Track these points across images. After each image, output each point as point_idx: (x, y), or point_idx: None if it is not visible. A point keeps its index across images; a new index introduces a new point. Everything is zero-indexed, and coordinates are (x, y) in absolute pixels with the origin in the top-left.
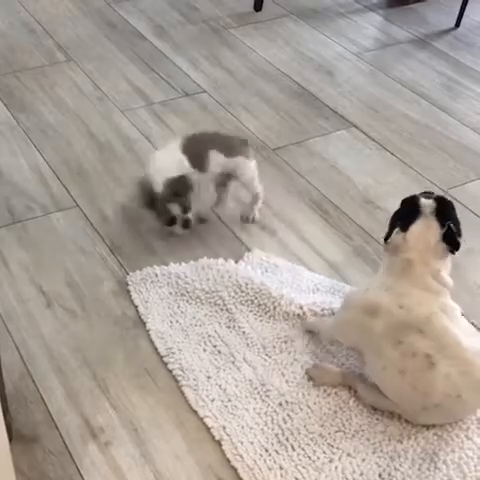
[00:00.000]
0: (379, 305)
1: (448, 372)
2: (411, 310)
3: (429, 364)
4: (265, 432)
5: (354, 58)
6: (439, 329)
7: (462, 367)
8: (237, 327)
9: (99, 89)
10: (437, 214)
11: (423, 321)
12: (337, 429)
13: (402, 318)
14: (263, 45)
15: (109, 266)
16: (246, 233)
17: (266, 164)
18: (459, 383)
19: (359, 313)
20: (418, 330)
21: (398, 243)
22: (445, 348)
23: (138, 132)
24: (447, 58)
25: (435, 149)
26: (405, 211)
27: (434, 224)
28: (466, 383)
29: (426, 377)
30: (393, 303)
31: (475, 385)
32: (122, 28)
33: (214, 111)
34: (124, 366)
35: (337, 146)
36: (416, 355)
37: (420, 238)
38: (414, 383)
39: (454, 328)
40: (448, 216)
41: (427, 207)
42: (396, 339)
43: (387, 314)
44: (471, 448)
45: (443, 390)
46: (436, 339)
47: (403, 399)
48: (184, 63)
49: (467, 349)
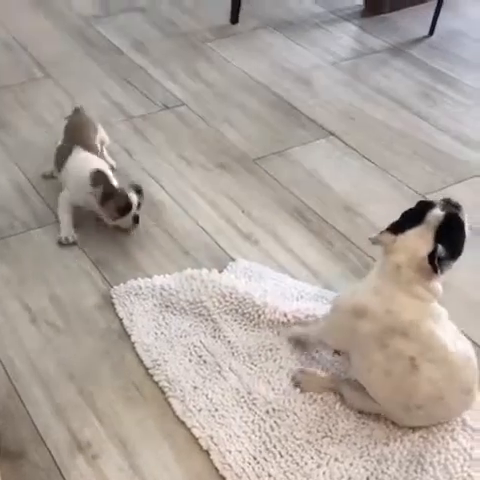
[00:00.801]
0: (366, 308)
1: (431, 375)
2: (397, 314)
3: (413, 367)
4: (253, 440)
5: (331, 68)
6: (424, 333)
7: (446, 370)
8: (222, 336)
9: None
10: (438, 230)
11: (408, 325)
12: (324, 434)
13: (388, 322)
14: (241, 57)
15: (93, 280)
16: (229, 243)
17: (247, 174)
18: (442, 386)
19: (347, 315)
20: (403, 333)
21: (387, 241)
22: (430, 351)
23: (119, 146)
24: (422, 65)
25: (413, 155)
26: (410, 214)
27: (429, 238)
28: (449, 386)
29: (410, 379)
30: (380, 307)
31: (458, 388)
32: (100, 44)
33: (194, 123)
34: (110, 379)
35: (317, 155)
36: (400, 357)
37: (411, 245)
38: (398, 385)
39: (440, 332)
40: (448, 237)
41: (434, 218)
42: (382, 342)
43: (374, 317)
44: (457, 449)
45: (426, 392)
46: (421, 342)
47: (387, 400)
48: (163, 77)
49: (452, 352)
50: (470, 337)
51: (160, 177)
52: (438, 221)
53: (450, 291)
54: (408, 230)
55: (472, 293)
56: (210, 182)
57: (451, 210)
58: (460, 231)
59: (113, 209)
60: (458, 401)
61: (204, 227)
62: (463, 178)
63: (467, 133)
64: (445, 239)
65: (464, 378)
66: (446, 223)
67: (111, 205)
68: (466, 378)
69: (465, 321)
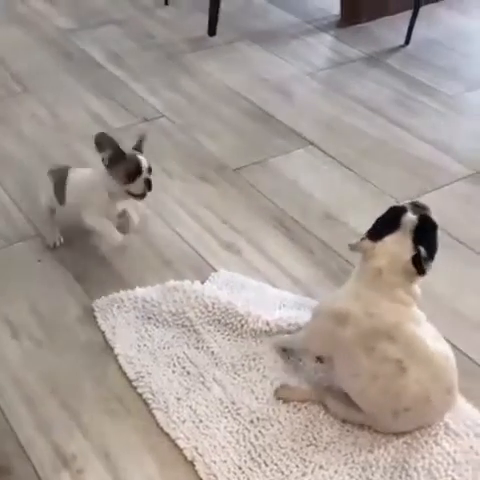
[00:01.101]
0: (348, 313)
1: (419, 377)
2: (380, 317)
3: (401, 369)
4: (237, 450)
5: (308, 78)
6: (408, 335)
7: (431, 371)
8: (205, 347)
9: (57, 118)
10: (415, 233)
11: (392, 328)
12: (308, 443)
13: (371, 325)
14: (219, 68)
15: (74, 293)
16: (211, 253)
17: (227, 184)
18: (429, 387)
19: (329, 321)
20: (388, 336)
21: (367, 248)
22: (415, 353)
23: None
24: (399, 74)
25: (391, 163)
26: (385, 220)
27: (408, 242)
28: (436, 386)
29: (398, 382)
30: (362, 311)
31: (444, 388)
32: (78, 57)
33: (174, 135)
34: (93, 392)
35: (296, 164)
36: (387, 360)
37: (391, 251)
38: (386, 388)
39: (421, 334)
40: (425, 238)
41: (408, 222)
42: (368, 346)
43: (356, 322)
44: (440, 453)
45: (414, 394)
46: (406, 345)
47: (374, 405)
48: (142, 89)
49: (434, 353)
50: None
51: None
52: (413, 224)
53: (429, 299)
54: (386, 236)
55: (449, 301)
56: (191, 193)
57: (422, 212)
58: (434, 231)
59: (122, 173)
60: (442, 401)
61: (186, 238)
62: (441, 185)
63: (444, 140)
64: (423, 241)
65: (447, 378)
66: (421, 225)
67: (120, 169)
68: (448, 377)
69: (443, 328)
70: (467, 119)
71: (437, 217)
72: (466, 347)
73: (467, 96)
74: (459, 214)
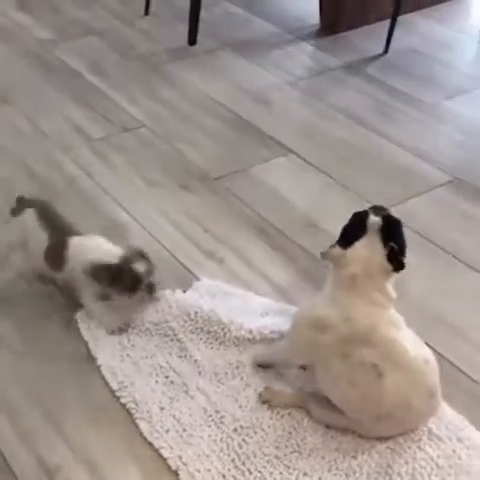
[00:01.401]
0: (326, 320)
1: (397, 381)
2: (356, 322)
3: (377, 374)
4: (221, 458)
5: (288, 87)
6: (385, 339)
7: (410, 375)
8: (188, 356)
9: (37, 129)
10: (382, 233)
11: (368, 332)
12: (292, 450)
13: (348, 331)
14: (199, 78)
15: (57, 304)
16: (193, 262)
17: (209, 194)
18: (409, 391)
19: (308, 330)
20: (364, 341)
21: (338, 256)
22: (392, 357)
23: (79, 170)
24: (378, 83)
25: (371, 170)
26: (352, 227)
27: (378, 243)
28: (416, 391)
29: (375, 387)
30: (339, 317)
31: (425, 392)
32: (58, 67)
33: (155, 145)
34: (77, 403)
35: (277, 172)
36: (363, 365)
37: (363, 255)
38: (364, 394)
39: (400, 337)
40: (393, 236)
41: (373, 225)
42: (344, 352)
43: (334, 329)
44: (424, 458)
45: (393, 399)
46: (382, 349)
47: (356, 411)
48: (122, 99)
49: (414, 357)
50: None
51: (122, 199)
52: (378, 225)
53: (408, 304)
54: (356, 242)
55: (428, 306)
56: (172, 202)
57: (383, 213)
58: (399, 228)
59: (123, 289)
60: (425, 406)
61: (167, 247)
62: (420, 192)
63: (423, 148)
64: (391, 239)
65: (427, 382)
66: (386, 225)
67: (120, 285)
68: (429, 382)
69: (423, 332)
70: (446, 127)
71: (417, 223)
72: (446, 352)
73: (446, 104)
74: (438, 220)
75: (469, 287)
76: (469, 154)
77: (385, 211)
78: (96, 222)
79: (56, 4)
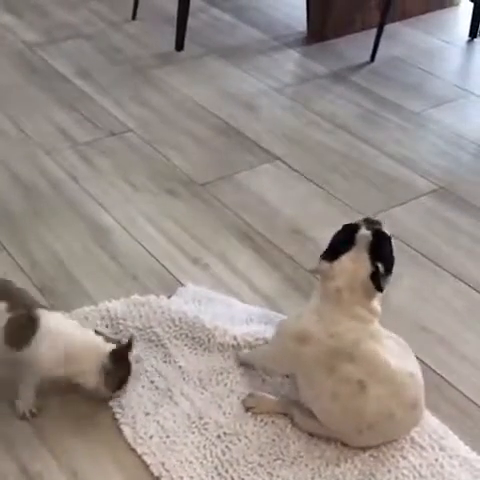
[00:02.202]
0: (310, 333)
1: (379, 394)
2: (340, 337)
3: (361, 388)
4: (204, 465)
5: (275, 93)
6: (368, 354)
7: (393, 388)
8: (173, 361)
9: (23, 132)
10: (371, 249)
11: (352, 347)
12: (276, 457)
13: (333, 346)
14: (186, 83)
15: None
16: (178, 268)
17: (194, 199)
18: (391, 403)
19: (290, 341)
20: (349, 357)
21: (325, 270)
22: (375, 372)
23: (64, 173)
24: (364, 91)
25: (357, 178)
26: (340, 239)
27: (365, 259)
28: (398, 403)
29: (357, 400)
30: (323, 331)
31: (408, 404)
32: (45, 71)
33: (141, 149)
34: (60, 408)
35: (263, 179)
36: (349, 382)
37: (349, 269)
38: (346, 407)
39: (383, 351)
40: (381, 253)
41: (363, 239)
42: (329, 366)
43: (317, 342)
44: (406, 467)
45: (375, 411)
46: (366, 364)
47: (337, 424)
48: (109, 103)
49: (396, 371)
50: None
51: (107, 203)
52: (368, 240)
53: (393, 314)
54: (342, 255)
55: (413, 315)
56: (158, 207)
57: (375, 227)
58: (389, 245)
59: (114, 385)
60: (408, 417)
61: (152, 252)
62: (406, 200)
63: (409, 156)
64: (379, 256)
65: (410, 394)
66: (376, 241)
67: (111, 381)
68: (412, 394)
69: (407, 342)
70: (431, 135)
71: (402, 232)
72: (430, 361)
73: (431, 113)
74: (423, 229)
75: (453, 296)
76: (453, 163)
77: (378, 225)
78: (80, 227)
79: (44, 7)
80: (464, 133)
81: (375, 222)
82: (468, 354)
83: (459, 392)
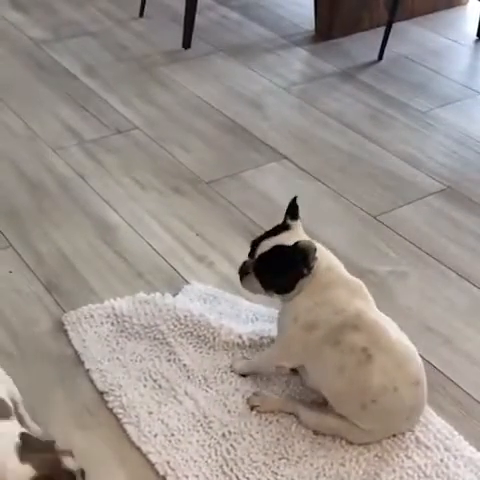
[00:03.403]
0: (316, 321)
1: (384, 365)
2: (343, 311)
3: (367, 357)
4: (209, 464)
5: (282, 92)
6: (371, 323)
7: (397, 359)
8: (177, 360)
9: (30, 129)
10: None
11: (355, 316)
12: (280, 456)
13: (339, 321)
14: (193, 81)
15: (45, 305)
16: (183, 266)
17: (200, 197)
18: (395, 375)
19: (300, 332)
20: (353, 326)
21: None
22: (378, 341)
23: (71, 171)
24: (371, 90)
25: (363, 177)
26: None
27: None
28: (401, 376)
29: (363, 371)
30: (328, 312)
31: (410, 380)
32: (52, 68)
33: (147, 147)
34: (64, 406)
35: (269, 178)
36: (354, 350)
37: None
38: (352, 378)
39: (383, 322)
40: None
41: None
42: (335, 340)
43: (325, 324)
44: (411, 467)
45: (380, 383)
46: (369, 332)
47: (342, 399)
48: (115, 101)
49: (398, 342)
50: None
51: (113, 201)
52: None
53: (399, 313)
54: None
55: (419, 314)
56: (164, 205)
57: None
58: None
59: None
60: (411, 394)
61: (158, 250)
62: (413, 199)
63: (416, 155)
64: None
65: (412, 369)
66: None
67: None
68: (414, 369)
69: (413, 342)
70: (438, 135)
71: (408, 231)
72: (435, 360)
73: (438, 112)
74: (430, 228)
75: (459, 296)
76: (461, 163)
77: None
78: (86, 224)
79: (51, 4)
80: (471, 132)
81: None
82: (473, 354)
83: (464, 392)
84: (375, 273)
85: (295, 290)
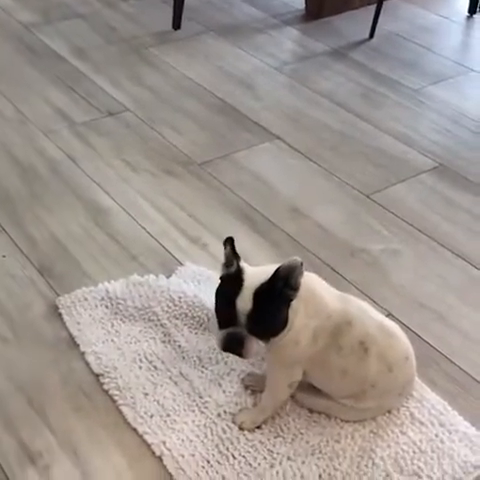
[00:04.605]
0: (316, 332)
1: (378, 350)
2: (334, 312)
3: (364, 351)
4: (205, 444)
5: (273, 71)
6: (357, 312)
7: (387, 339)
8: (172, 341)
9: (20, 112)
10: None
11: (344, 313)
12: (276, 434)
13: (333, 324)
14: (184, 62)
15: (39, 289)
16: (176, 247)
17: (193, 178)
18: (388, 357)
19: (305, 350)
20: (347, 323)
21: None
22: (369, 327)
23: (62, 153)
24: (363, 68)
25: (356, 156)
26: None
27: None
28: (393, 354)
29: (363, 365)
30: (322, 319)
31: (401, 356)
32: (41, 51)
33: (138, 129)
34: (60, 389)
35: (262, 158)
36: (354, 349)
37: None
38: (354, 376)
39: (366, 308)
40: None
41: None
42: (337, 346)
43: (323, 332)
44: (406, 443)
45: (376, 369)
46: (362, 323)
47: (344, 393)
48: (106, 83)
49: (385, 322)
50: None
51: (105, 183)
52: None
53: (391, 290)
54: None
55: (411, 291)
56: (156, 187)
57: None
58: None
59: None
60: (402, 369)
61: (151, 232)
62: (405, 177)
63: (409, 134)
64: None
65: (401, 343)
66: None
67: None
68: (402, 343)
69: (405, 317)
70: (431, 112)
71: (401, 209)
72: (428, 337)
73: (431, 89)
74: (423, 206)
75: (451, 273)
76: (453, 140)
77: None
78: (79, 207)
79: None
80: (464, 110)
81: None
82: (466, 329)
83: (458, 368)
84: (368, 252)
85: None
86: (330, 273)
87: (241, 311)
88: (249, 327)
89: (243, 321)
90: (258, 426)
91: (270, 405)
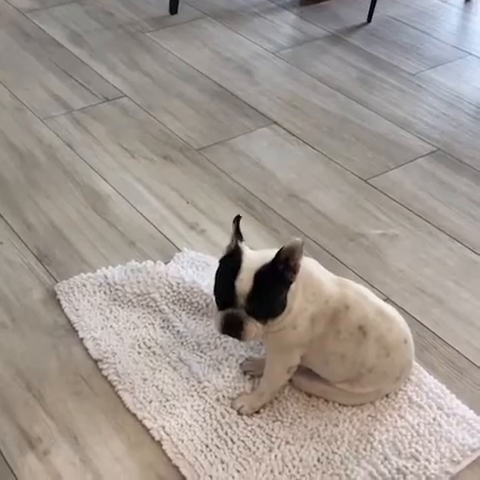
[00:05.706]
0: (314, 316)
1: (377, 333)
2: (331, 296)
3: (363, 334)
4: (204, 428)
5: (271, 56)
6: (355, 296)
7: (387, 323)
8: (171, 327)
9: (17, 99)
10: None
11: (342, 297)
12: (274, 419)
13: (332, 308)
14: (181, 47)
15: (37, 275)
16: (175, 233)
17: (191, 164)
18: (387, 340)
19: (304, 334)
20: (345, 307)
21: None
22: (369, 311)
23: (59, 140)
24: (361, 52)
25: (354, 141)
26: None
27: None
28: (392, 338)
29: (361, 349)
30: (320, 304)
31: (400, 338)
32: (38, 37)
33: (136, 115)
34: (58, 374)
35: (260, 143)
36: (352, 333)
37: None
38: (352, 361)
39: (365, 292)
40: None
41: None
42: (335, 330)
43: (322, 316)
44: (404, 426)
45: (374, 353)
46: (361, 308)
47: (341, 378)
48: (103, 69)
49: (381, 304)
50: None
51: (103, 169)
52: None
53: (390, 274)
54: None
55: (410, 276)
56: (154, 173)
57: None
58: None
59: None
60: (400, 353)
61: (149, 218)
62: (404, 162)
63: (407, 118)
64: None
65: (400, 327)
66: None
67: None
68: (401, 326)
69: (404, 302)
70: (429, 97)
71: (399, 193)
72: (427, 321)
73: (429, 74)
74: (421, 190)
75: (450, 257)
76: (451, 125)
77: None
78: (77, 194)
79: None
80: (462, 94)
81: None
82: (464, 313)
83: (456, 351)
84: (366, 236)
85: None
86: (329, 258)
87: (240, 292)
88: (248, 308)
89: (242, 302)
90: (257, 411)
91: (268, 390)
